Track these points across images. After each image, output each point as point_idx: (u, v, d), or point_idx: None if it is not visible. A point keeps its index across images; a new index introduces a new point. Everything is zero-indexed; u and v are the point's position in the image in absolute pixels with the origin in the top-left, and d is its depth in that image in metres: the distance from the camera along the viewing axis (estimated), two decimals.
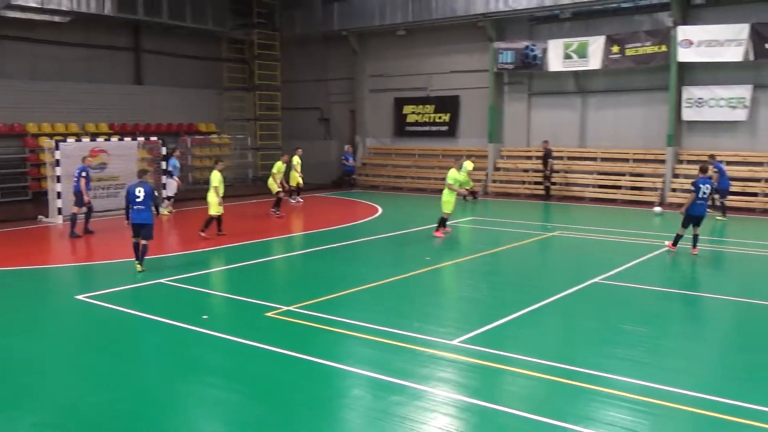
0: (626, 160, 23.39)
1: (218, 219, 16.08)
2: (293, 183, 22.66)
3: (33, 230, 17.78)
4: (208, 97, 29.91)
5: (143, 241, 12.45)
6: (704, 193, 13.28)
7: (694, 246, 13.61)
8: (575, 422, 6.17)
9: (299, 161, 22.75)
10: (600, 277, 11.81)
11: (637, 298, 10.89)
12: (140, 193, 12.38)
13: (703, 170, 13.73)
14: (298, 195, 23.23)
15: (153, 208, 12.61)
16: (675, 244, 13.87)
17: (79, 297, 10.71)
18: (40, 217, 19.07)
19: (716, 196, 18.36)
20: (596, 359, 7.85)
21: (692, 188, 13.46)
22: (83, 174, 16.58)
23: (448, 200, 16.06)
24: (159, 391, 7.10)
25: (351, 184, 27.95)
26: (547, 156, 23.58)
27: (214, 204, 15.77)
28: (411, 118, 28.43)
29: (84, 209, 16.80)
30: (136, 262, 12.50)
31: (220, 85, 30.37)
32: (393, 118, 28.99)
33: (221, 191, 15.87)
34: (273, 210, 19.78)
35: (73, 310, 10.28)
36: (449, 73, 27.17)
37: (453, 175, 16.21)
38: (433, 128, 27.89)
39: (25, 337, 8.99)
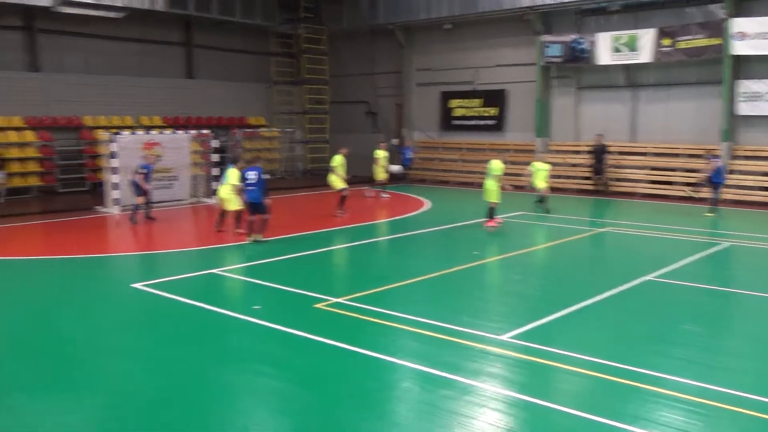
0: (678, 156, 22.82)
1: (232, 213, 15.48)
2: (378, 177, 22.12)
3: (90, 220, 18.20)
4: (257, 90, 30.24)
5: (264, 216, 14.27)
6: None
7: None
8: (628, 422, 6.02)
9: (384, 155, 22.13)
10: (653, 275, 11.52)
11: (691, 296, 10.61)
12: (253, 175, 14.06)
13: None
14: (383, 189, 22.56)
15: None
16: None
17: (135, 285, 10.92)
18: (97, 207, 19.52)
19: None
20: (649, 358, 7.65)
21: None
22: (142, 170, 16.97)
23: (490, 189, 16.09)
24: (211, 379, 7.18)
25: (406, 178, 27.13)
26: (601, 151, 23.15)
27: (229, 200, 15.23)
28: (458, 112, 28.25)
29: (145, 198, 17.19)
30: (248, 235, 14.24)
31: (269, 79, 30.66)
32: (440, 111, 28.84)
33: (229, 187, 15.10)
34: (339, 211, 18.36)
35: (129, 298, 10.48)
36: (496, 67, 26.89)
37: (497, 166, 16.20)
38: (480, 122, 27.65)
39: (85, 323, 9.21)
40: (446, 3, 26.53)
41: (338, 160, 18.99)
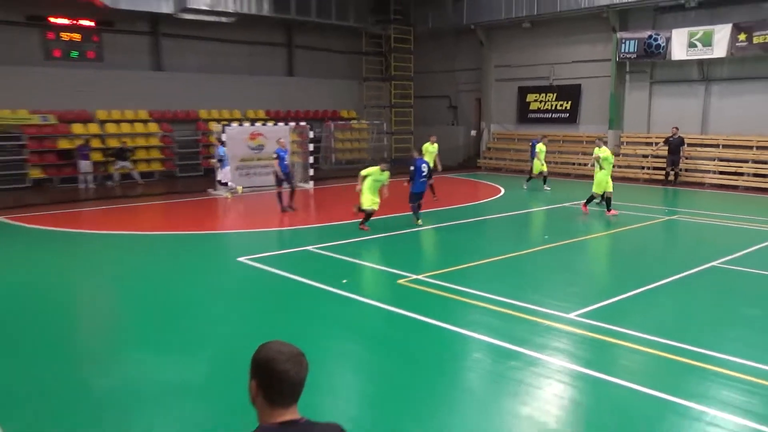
0: (750, 148, 21.59)
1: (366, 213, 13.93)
2: (536, 171, 20.68)
3: (203, 201, 19.00)
4: (349, 86, 30.56)
5: (420, 203, 14.55)
6: None
7: None
8: (687, 398, 5.87)
9: (544, 149, 20.63)
10: (718, 261, 11.02)
11: (756, 282, 10.06)
12: (425, 168, 14.29)
13: None
14: (545, 183, 20.83)
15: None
16: None
17: (241, 259, 11.37)
18: (209, 190, 20.34)
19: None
20: (711, 339, 7.39)
21: None
22: (274, 156, 16.59)
23: (604, 179, 15.36)
24: (303, 343, 7.30)
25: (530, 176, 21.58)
26: (680, 143, 22.11)
27: (367, 199, 13.72)
28: (533, 106, 27.67)
29: (286, 186, 16.64)
30: (417, 218, 14.45)
31: (360, 76, 30.89)
32: (516, 105, 28.33)
33: (368, 184, 13.67)
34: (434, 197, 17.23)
35: (235, 270, 10.90)
36: (571, 63, 26.12)
37: (605, 154, 15.49)
38: (555, 115, 27.00)
39: (197, 291, 9.68)
40: (526, 3, 25.90)
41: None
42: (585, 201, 16.15)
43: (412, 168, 14.56)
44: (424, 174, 14.38)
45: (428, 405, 5.87)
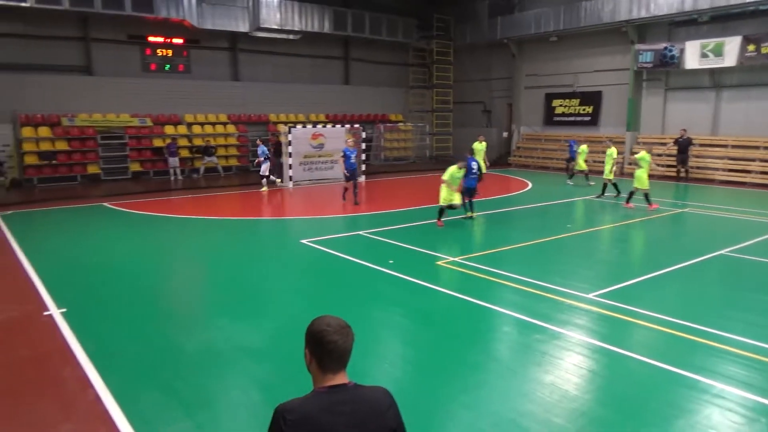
0: (757, 148, 20.57)
1: (448, 207, 13.04)
2: (583, 168, 19.92)
3: (271, 192, 19.20)
4: (396, 93, 30.43)
5: (470, 197, 13.99)
6: None
7: None
8: (694, 372, 5.65)
9: (586, 150, 19.87)
10: (727, 250, 10.56)
11: (761, 270, 9.57)
12: (475, 166, 14.08)
13: None
14: (570, 178, 20.64)
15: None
16: None
17: (303, 241, 11.48)
18: (277, 182, 20.58)
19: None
20: (717, 320, 7.09)
21: None
22: (341, 154, 16.14)
23: (641, 177, 14.95)
24: (355, 313, 7.44)
25: (572, 173, 20.98)
26: (687, 143, 21.28)
27: (446, 193, 12.95)
28: (558, 110, 26.99)
29: (350, 180, 16.15)
30: (469, 212, 13.92)
31: (406, 84, 30.72)
32: (543, 109, 27.69)
33: (451, 182, 12.91)
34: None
35: (299, 250, 10.99)
36: (593, 72, 25.36)
37: (641, 154, 15.12)
38: (578, 118, 26.29)
39: (266, 267, 9.84)
40: (553, 19, 25.27)
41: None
42: (627, 198, 15.61)
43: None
44: (474, 171, 14.12)
45: (463, 370, 5.81)
